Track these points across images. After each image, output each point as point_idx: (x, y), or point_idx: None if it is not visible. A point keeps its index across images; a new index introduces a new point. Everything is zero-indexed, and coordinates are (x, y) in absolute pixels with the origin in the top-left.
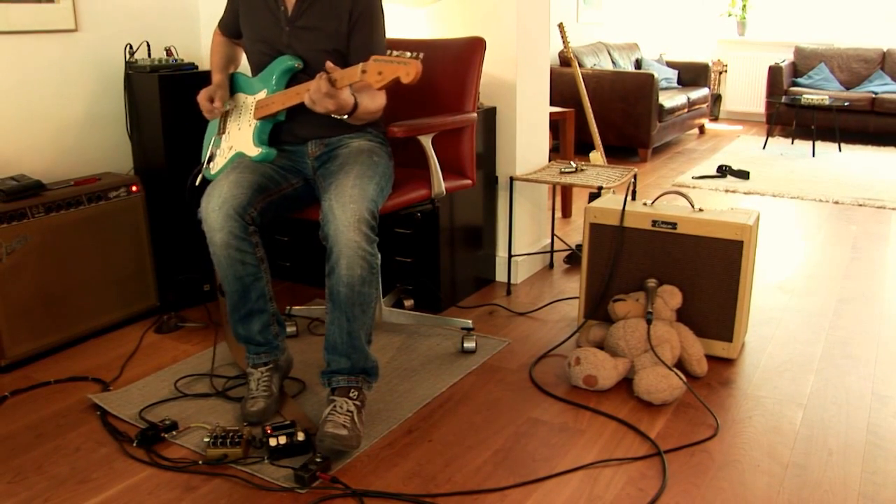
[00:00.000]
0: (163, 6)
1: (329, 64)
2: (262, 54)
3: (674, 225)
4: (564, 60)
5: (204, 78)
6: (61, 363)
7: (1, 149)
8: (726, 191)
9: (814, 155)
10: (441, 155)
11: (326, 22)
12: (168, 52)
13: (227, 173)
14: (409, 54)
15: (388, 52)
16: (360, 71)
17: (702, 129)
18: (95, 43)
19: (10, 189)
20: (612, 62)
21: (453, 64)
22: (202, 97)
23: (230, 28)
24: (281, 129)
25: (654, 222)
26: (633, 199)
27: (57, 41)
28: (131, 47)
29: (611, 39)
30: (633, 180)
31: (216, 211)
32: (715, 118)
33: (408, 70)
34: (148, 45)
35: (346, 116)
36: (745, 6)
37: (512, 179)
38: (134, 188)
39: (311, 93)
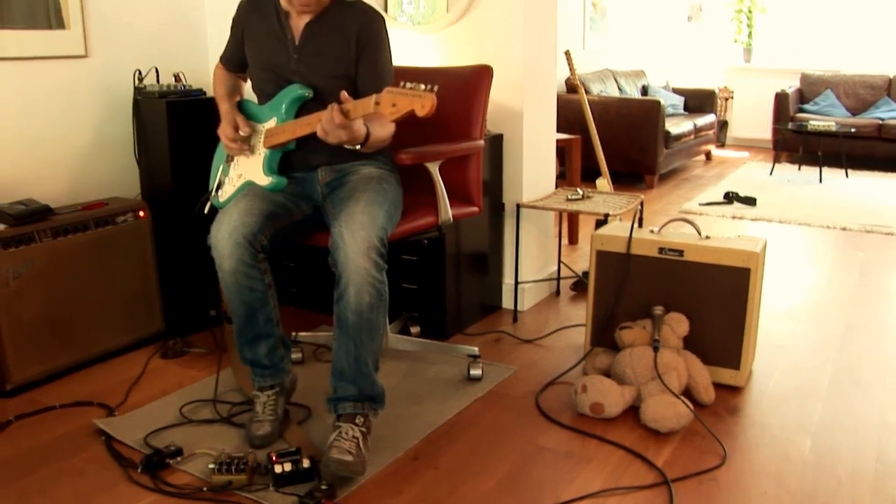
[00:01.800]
0: (172, 32)
1: (344, 94)
2: (269, 82)
3: (680, 252)
4: (571, 87)
5: (212, 104)
6: (67, 387)
7: (10, 173)
8: (733, 217)
9: (821, 181)
10: (448, 182)
11: (334, 48)
12: (177, 77)
13: (238, 201)
14: (423, 87)
15: (402, 83)
16: (373, 102)
17: (708, 156)
18: (105, 69)
19: (17, 213)
20: (619, 89)
21: (461, 91)
22: (225, 127)
23: (234, 62)
24: (290, 157)
25: (661, 249)
26: (640, 226)
27: (67, 67)
28: (140, 73)
29: (617, 66)
30: (639, 207)
31: (226, 238)
32: (721, 144)
33: (423, 103)
34: (157, 71)
35: (358, 147)
36: (751, 33)
37: (518, 206)
38: (141, 213)
39: (324, 124)
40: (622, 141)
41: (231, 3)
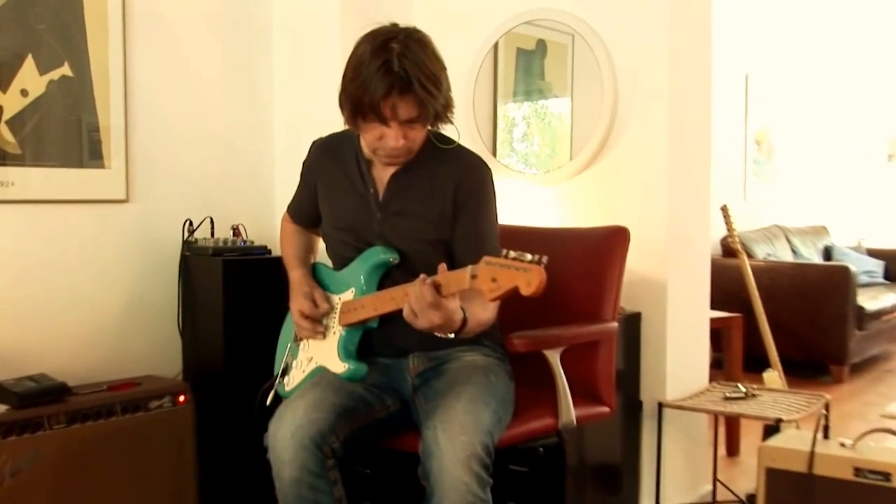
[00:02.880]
0: (231, 177)
1: (442, 266)
2: (346, 245)
3: (887, 476)
4: (729, 250)
5: (279, 265)
6: None
7: (20, 341)
8: None
9: None
10: (571, 374)
11: (426, 205)
12: (235, 231)
13: (305, 392)
14: (529, 257)
15: (505, 252)
16: (468, 276)
17: None
18: (148, 217)
19: (24, 392)
20: (792, 251)
21: (589, 259)
22: (300, 301)
23: (304, 216)
24: (373, 338)
25: (858, 471)
26: (826, 436)
27: (102, 213)
28: (191, 224)
29: (790, 222)
30: (824, 410)
31: (288, 439)
32: None
33: (528, 279)
34: (212, 222)
35: (452, 335)
36: None
37: (661, 406)
38: (181, 398)
39: (412, 302)
40: (798, 320)
41: (306, 148)
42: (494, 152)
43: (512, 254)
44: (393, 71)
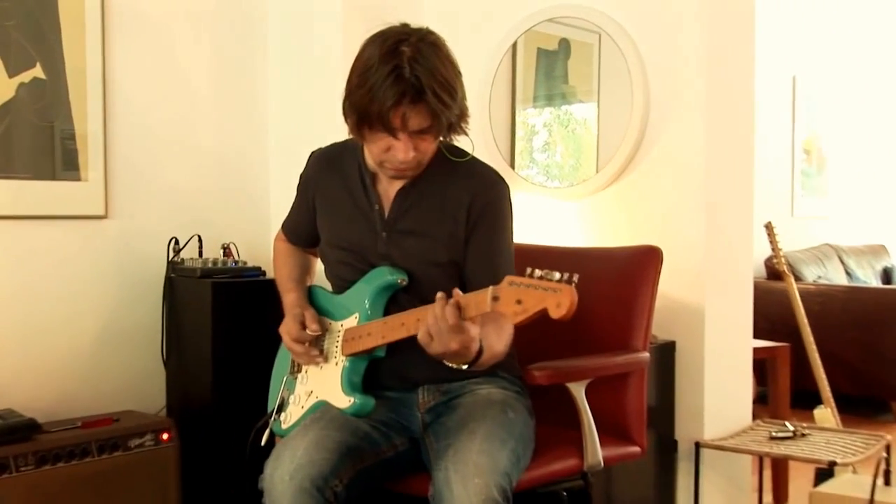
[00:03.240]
0: (221, 191)
1: (456, 291)
2: (348, 266)
3: None
4: (774, 272)
5: (273, 288)
6: None
7: None
8: None
9: None
10: (598, 409)
11: (437, 224)
12: (226, 250)
13: (305, 428)
14: (557, 275)
15: (529, 271)
16: (489, 298)
17: None
18: (129, 235)
19: None
20: (846, 273)
21: (617, 282)
22: (290, 324)
23: (300, 234)
24: (380, 369)
25: None
26: (888, 482)
27: (77, 230)
28: (177, 242)
29: (843, 240)
30: (884, 453)
31: (286, 482)
32: None
33: (558, 300)
34: (200, 241)
35: (465, 366)
36: None
37: (698, 446)
38: (165, 435)
39: (431, 323)
40: (853, 350)
41: (304, 159)
42: (512, 163)
43: (538, 272)
44: (404, 78)
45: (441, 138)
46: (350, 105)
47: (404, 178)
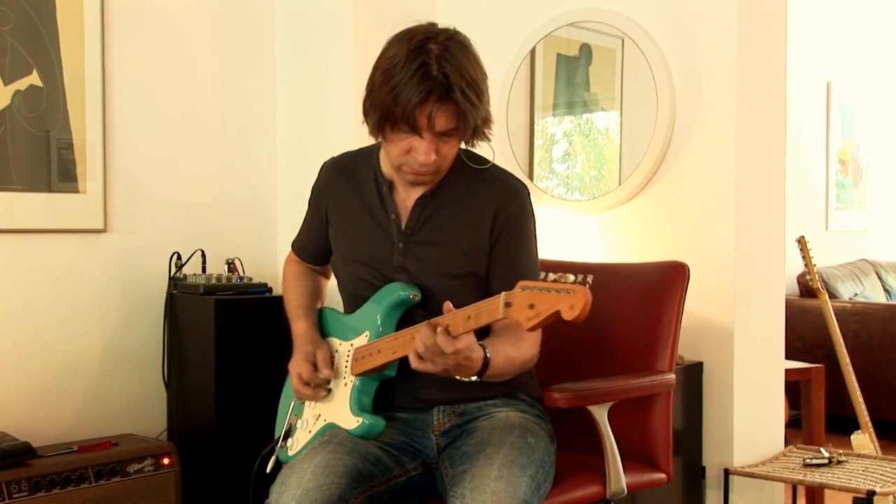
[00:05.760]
0: (226, 203)
1: (447, 304)
2: (362, 282)
3: None
4: (807, 289)
5: (280, 305)
6: None
7: None
8: None
9: None
10: (621, 434)
11: (459, 234)
12: (231, 266)
13: (313, 452)
14: (571, 277)
15: (543, 275)
16: (502, 304)
17: None
18: (129, 249)
19: None
20: (885, 290)
21: (641, 300)
22: (300, 364)
23: (313, 249)
24: (392, 388)
25: None
26: None
27: (75, 245)
28: (179, 257)
29: (882, 256)
30: None
31: None
32: None
33: (572, 301)
34: (203, 256)
35: (475, 378)
36: None
37: (727, 473)
38: (165, 460)
39: (418, 346)
40: (892, 372)
41: (314, 169)
42: (531, 174)
43: (552, 276)
44: (431, 75)
45: (463, 144)
46: (372, 104)
47: (423, 183)
